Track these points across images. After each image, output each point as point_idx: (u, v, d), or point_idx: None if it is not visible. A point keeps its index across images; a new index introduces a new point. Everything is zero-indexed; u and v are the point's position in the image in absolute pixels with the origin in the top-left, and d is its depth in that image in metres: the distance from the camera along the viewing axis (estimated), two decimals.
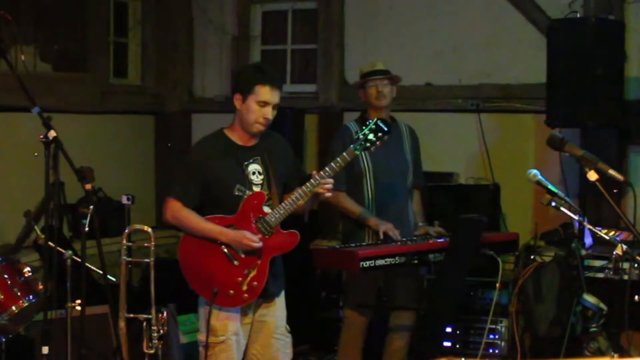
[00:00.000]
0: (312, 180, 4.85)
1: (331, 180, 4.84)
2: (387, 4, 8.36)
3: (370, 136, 4.91)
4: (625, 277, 5.63)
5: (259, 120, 4.86)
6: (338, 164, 4.84)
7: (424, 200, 6.55)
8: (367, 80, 6.16)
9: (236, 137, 4.96)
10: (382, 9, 8.39)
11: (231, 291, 4.82)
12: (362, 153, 5.88)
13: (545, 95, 6.78)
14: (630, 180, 4.87)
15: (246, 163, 4.93)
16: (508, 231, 7.17)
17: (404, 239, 6.03)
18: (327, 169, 4.83)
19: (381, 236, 5.97)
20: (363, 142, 4.91)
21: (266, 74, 4.95)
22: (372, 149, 4.96)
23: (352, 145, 4.92)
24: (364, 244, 5.94)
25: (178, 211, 4.87)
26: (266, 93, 4.84)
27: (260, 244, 4.83)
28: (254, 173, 4.93)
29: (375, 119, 4.98)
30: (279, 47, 9.25)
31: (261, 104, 4.84)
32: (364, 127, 4.94)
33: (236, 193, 4.86)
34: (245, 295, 4.85)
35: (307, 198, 4.89)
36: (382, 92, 6.12)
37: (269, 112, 4.86)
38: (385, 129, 4.93)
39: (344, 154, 4.88)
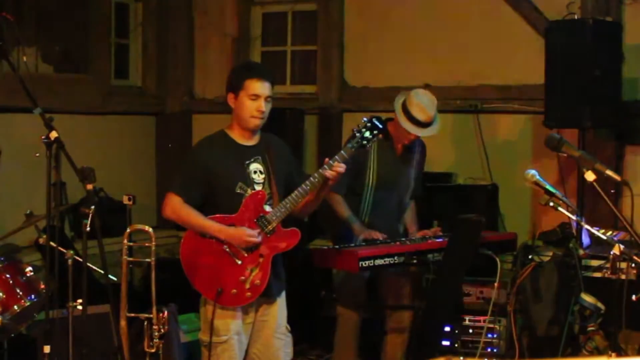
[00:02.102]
0: (311, 179, 4.89)
1: (342, 166, 4.87)
2: (386, 6, 8.39)
3: (367, 134, 4.95)
4: (623, 276, 5.62)
5: (254, 114, 4.92)
6: (336, 161, 4.88)
7: (422, 204, 6.58)
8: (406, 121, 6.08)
9: (237, 136, 5.01)
10: (381, 11, 8.42)
11: (234, 290, 4.85)
12: (372, 165, 5.91)
13: (543, 96, 6.79)
14: (628, 180, 4.87)
15: (247, 162, 4.96)
16: (506, 231, 7.22)
17: (403, 239, 6.07)
18: (325, 166, 4.87)
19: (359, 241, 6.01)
20: (360, 140, 4.95)
21: (253, 68, 5.09)
22: (367, 146, 5.00)
23: (349, 143, 4.97)
24: (363, 243, 5.97)
25: (178, 206, 4.90)
26: (255, 86, 4.90)
27: (259, 239, 4.87)
28: (255, 172, 4.97)
29: (370, 117, 5.02)
30: (279, 49, 9.28)
31: (252, 98, 4.90)
32: (360, 125, 4.99)
33: (237, 191, 4.90)
34: (248, 294, 4.89)
35: (308, 196, 4.94)
36: (409, 137, 6.14)
37: (262, 105, 4.91)
38: (380, 126, 4.98)
39: (342, 151, 4.92)
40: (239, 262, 4.87)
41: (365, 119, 5.03)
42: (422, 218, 6.59)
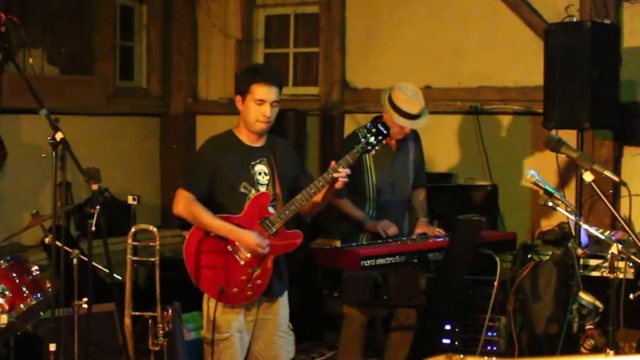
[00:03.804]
0: (316, 182, 4.93)
1: (347, 171, 4.91)
2: (387, 9, 8.43)
3: (372, 139, 4.98)
4: (621, 275, 5.64)
5: (259, 119, 4.94)
6: (341, 166, 4.92)
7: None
8: (397, 115, 6.08)
9: (244, 137, 5.04)
10: (383, 13, 8.45)
11: (235, 289, 4.89)
12: (369, 164, 5.93)
13: (542, 97, 6.80)
14: (625, 180, 4.90)
15: (253, 163, 5.00)
16: (506, 231, 7.23)
17: (404, 239, 6.10)
18: (330, 171, 4.92)
19: (382, 234, 6.06)
20: (365, 145, 4.98)
21: (261, 72, 5.03)
22: (372, 151, 5.04)
23: (354, 148, 4.99)
24: (365, 243, 6.02)
25: (190, 203, 4.93)
26: (262, 91, 4.92)
27: (267, 250, 4.91)
28: (260, 173, 5.01)
29: (376, 123, 5.06)
30: (282, 50, 9.32)
31: (258, 102, 4.91)
32: (365, 130, 5.03)
33: (241, 190, 4.94)
34: (249, 293, 4.93)
35: (311, 200, 4.97)
36: (404, 131, 6.16)
37: (267, 110, 4.93)
38: (385, 132, 5.00)
39: (347, 156, 4.95)
40: (242, 262, 4.92)
41: (370, 124, 5.08)
42: None
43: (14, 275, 5.38)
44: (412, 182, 6.39)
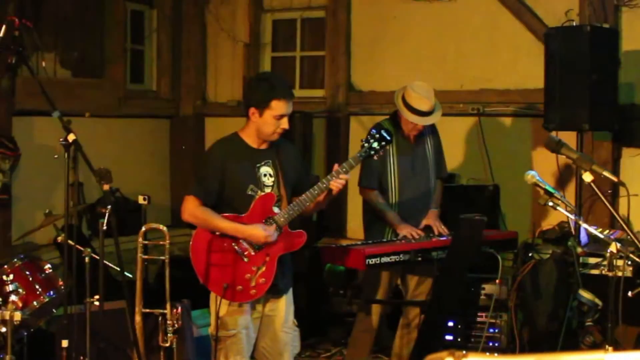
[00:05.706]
0: (319, 184, 5.02)
1: (345, 177, 5.01)
2: (391, 13, 8.49)
3: (375, 144, 5.10)
4: (619, 273, 5.67)
5: (277, 131, 5.03)
6: (344, 169, 5.03)
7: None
8: (409, 113, 6.18)
9: (250, 140, 5.12)
10: (387, 18, 8.51)
11: (240, 287, 4.97)
12: (392, 158, 6.03)
13: (542, 100, 6.85)
14: (624, 180, 4.96)
15: (259, 165, 5.08)
16: (507, 230, 7.27)
17: (408, 238, 6.18)
18: (333, 174, 5.02)
19: (400, 237, 6.14)
20: (367, 150, 5.10)
21: (280, 88, 5.06)
22: (375, 157, 5.16)
23: (357, 153, 5.12)
24: (370, 242, 6.10)
25: (195, 209, 4.99)
26: (282, 107, 5.00)
27: (275, 237, 4.99)
28: (265, 175, 5.09)
29: (379, 130, 5.17)
30: (289, 54, 9.39)
31: (278, 118, 5.00)
32: (368, 136, 5.13)
33: (249, 193, 5.02)
34: (254, 291, 5.01)
35: (315, 200, 5.07)
36: (417, 127, 6.25)
37: (286, 123, 5.03)
38: (388, 138, 5.12)
39: (350, 160, 5.07)
40: (246, 260, 5.00)
41: (373, 130, 5.17)
42: None
43: (28, 273, 5.47)
44: (434, 172, 6.47)
